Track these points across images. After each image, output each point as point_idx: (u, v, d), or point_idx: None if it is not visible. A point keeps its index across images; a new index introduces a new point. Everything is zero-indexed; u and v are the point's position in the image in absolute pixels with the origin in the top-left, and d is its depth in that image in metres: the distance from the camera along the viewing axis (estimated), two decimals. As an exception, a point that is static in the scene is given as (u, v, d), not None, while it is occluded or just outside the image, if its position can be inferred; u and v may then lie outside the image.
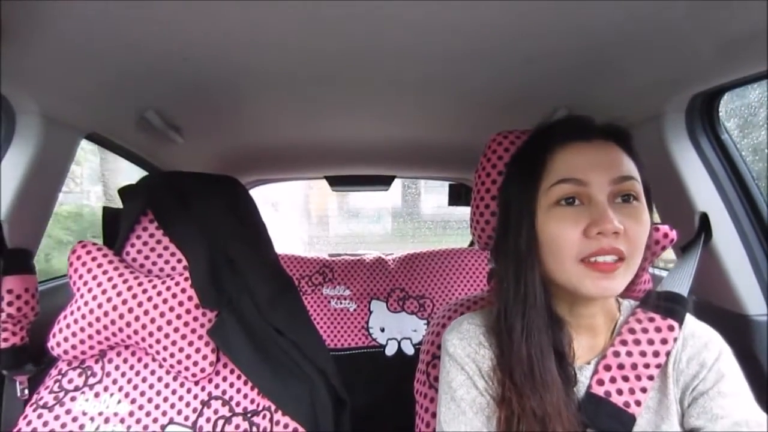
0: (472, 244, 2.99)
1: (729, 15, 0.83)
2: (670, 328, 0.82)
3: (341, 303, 2.31)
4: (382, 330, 2.27)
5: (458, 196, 2.85)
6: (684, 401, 0.78)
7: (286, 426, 1.06)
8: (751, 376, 0.81)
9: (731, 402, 0.75)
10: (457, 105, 1.50)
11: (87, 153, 3.16)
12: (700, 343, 0.81)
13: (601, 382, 0.80)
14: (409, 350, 2.23)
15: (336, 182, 2.69)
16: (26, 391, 1.17)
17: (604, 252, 0.72)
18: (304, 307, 1.27)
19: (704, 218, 1.16)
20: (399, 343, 2.24)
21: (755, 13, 0.79)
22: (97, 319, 1.08)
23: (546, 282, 0.81)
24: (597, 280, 0.73)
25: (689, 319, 0.86)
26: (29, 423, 1.07)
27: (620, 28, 0.94)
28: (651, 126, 1.21)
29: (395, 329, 2.27)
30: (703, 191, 1.18)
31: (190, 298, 1.10)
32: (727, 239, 1.17)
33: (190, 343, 1.09)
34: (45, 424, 1.07)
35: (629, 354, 0.81)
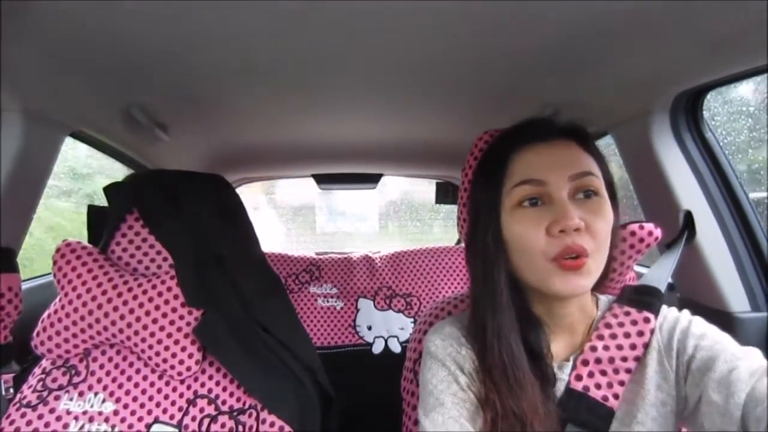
0: (459, 242, 3.00)
1: (714, 13, 0.83)
2: (646, 320, 0.83)
3: (328, 301, 2.31)
4: (369, 328, 2.27)
5: (445, 194, 2.86)
6: (680, 379, 0.78)
7: (272, 424, 1.06)
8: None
9: (715, 349, 0.75)
10: (444, 103, 1.51)
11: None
12: (672, 323, 0.83)
13: (579, 378, 0.81)
14: (396, 348, 2.23)
15: (323, 180, 2.69)
16: (11, 390, 1.16)
17: (570, 250, 0.74)
18: (291, 305, 1.27)
19: (688, 216, 1.17)
20: (386, 341, 2.24)
21: (740, 12, 0.80)
22: (82, 318, 1.08)
23: (519, 283, 0.83)
24: (566, 278, 0.75)
25: (662, 308, 0.87)
26: (12, 422, 1.06)
27: (606, 25, 0.94)
28: (636, 124, 1.22)
29: (382, 327, 2.27)
30: (688, 189, 1.19)
31: (176, 297, 1.10)
32: (711, 237, 1.18)
33: (176, 342, 1.09)
34: (29, 423, 1.06)
35: (606, 348, 0.82)
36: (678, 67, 1.03)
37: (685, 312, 0.85)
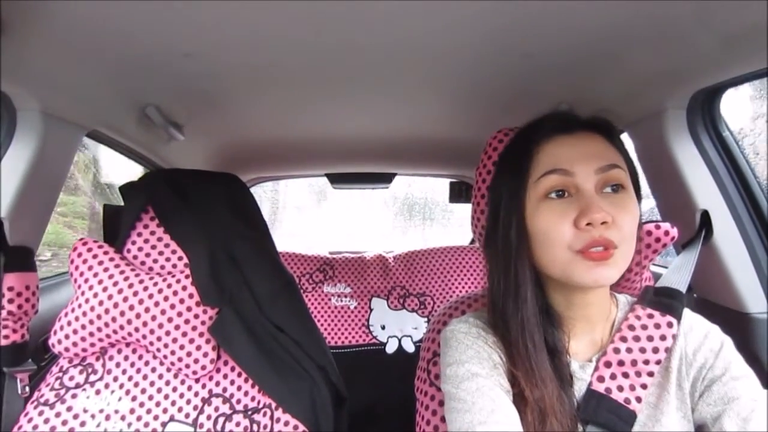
0: (473, 241, 2.99)
1: (732, 10, 0.83)
2: (669, 325, 0.83)
3: (342, 300, 2.32)
4: (383, 328, 2.27)
5: (459, 193, 2.86)
6: (695, 392, 0.79)
7: (286, 423, 1.06)
8: (752, 374, 0.81)
9: (743, 383, 0.76)
10: (458, 102, 1.50)
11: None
12: (701, 334, 0.82)
13: (601, 379, 0.81)
14: (410, 348, 2.23)
15: (337, 180, 2.70)
16: (27, 389, 1.17)
17: (596, 243, 0.73)
18: (304, 304, 1.27)
19: (705, 216, 1.15)
20: (399, 340, 2.24)
21: (758, 8, 0.79)
22: (98, 317, 1.09)
23: (539, 276, 0.82)
24: (591, 268, 0.73)
25: (686, 312, 0.86)
26: (30, 420, 1.07)
27: (621, 24, 0.94)
28: (652, 123, 1.20)
29: (396, 327, 2.27)
30: (704, 189, 1.18)
31: (191, 296, 1.10)
32: (728, 237, 1.17)
33: (191, 341, 1.09)
34: (46, 421, 1.07)
35: (629, 350, 0.82)
36: (695, 65, 1.02)
37: (716, 329, 0.84)
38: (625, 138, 1.34)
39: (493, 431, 0.71)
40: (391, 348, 2.23)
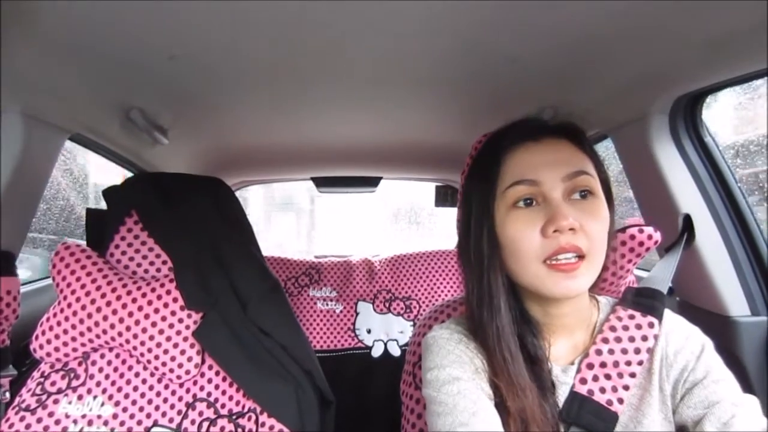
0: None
1: (713, 16, 0.83)
2: (650, 325, 0.83)
3: (328, 304, 2.31)
4: (369, 331, 2.26)
5: (445, 197, 2.86)
6: (677, 394, 0.79)
7: (271, 428, 1.06)
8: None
9: (723, 387, 0.76)
10: (443, 106, 1.51)
11: None
12: (682, 336, 0.82)
13: (584, 381, 0.81)
14: (396, 352, 2.22)
15: (322, 183, 2.69)
16: (7, 394, 1.15)
17: (563, 250, 0.73)
18: (290, 308, 1.27)
19: (687, 219, 1.17)
20: (385, 344, 2.24)
21: (740, 14, 0.80)
22: (81, 321, 1.08)
23: (515, 285, 0.82)
24: (559, 281, 0.74)
25: (667, 313, 0.87)
26: (11, 426, 1.06)
27: (605, 29, 0.94)
28: (635, 127, 1.22)
29: (382, 331, 2.27)
30: (687, 193, 1.19)
31: (175, 300, 1.10)
32: (710, 240, 1.18)
33: (175, 345, 1.09)
34: (27, 426, 1.05)
35: (611, 352, 0.82)
36: (677, 71, 1.03)
37: (698, 331, 0.84)
38: (609, 143, 1.36)
39: None
40: (376, 352, 2.23)
